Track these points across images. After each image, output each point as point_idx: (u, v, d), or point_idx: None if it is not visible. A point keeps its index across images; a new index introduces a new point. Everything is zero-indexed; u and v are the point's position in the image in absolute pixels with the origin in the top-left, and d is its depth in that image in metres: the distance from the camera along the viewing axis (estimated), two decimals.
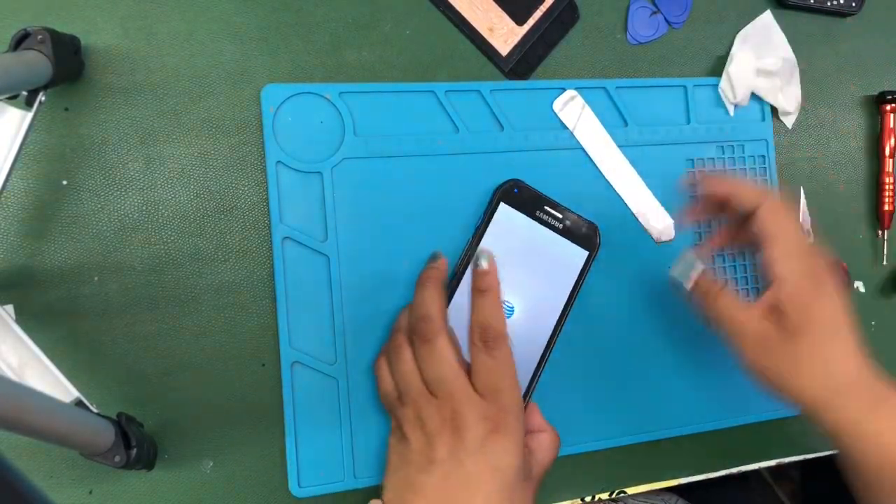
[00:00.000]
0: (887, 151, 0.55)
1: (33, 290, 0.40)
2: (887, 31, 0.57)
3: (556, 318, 0.44)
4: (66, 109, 0.41)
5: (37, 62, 0.35)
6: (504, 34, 0.48)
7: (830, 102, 0.55)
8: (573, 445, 0.46)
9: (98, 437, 0.34)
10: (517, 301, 0.43)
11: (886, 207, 0.55)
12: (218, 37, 0.43)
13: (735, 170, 0.51)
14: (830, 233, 0.54)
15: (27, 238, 0.40)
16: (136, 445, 0.36)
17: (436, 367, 0.37)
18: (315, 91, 0.44)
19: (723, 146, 0.51)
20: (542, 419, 0.41)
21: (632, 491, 0.48)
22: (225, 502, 0.41)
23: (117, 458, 0.35)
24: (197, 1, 0.43)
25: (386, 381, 0.41)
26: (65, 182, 0.40)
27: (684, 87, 0.51)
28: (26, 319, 0.39)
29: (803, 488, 0.86)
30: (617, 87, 0.49)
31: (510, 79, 0.48)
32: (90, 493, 0.40)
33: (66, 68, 0.38)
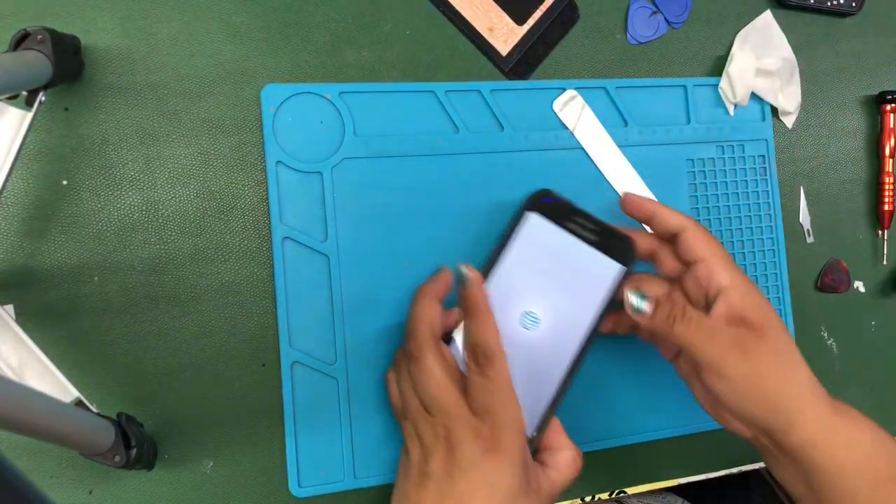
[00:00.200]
0: (887, 151, 0.55)
1: (33, 290, 0.40)
2: (887, 31, 0.57)
3: (585, 333, 0.41)
4: (66, 109, 0.41)
5: (37, 62, 0.35)
6: (504, 34, 0.47)
7: (830, 102, 0.55)
8: None
9: (98, 437, 0.34)
10: (543, 313, 0.41)
11: (886, 207, 0.55)
12: (218, 37, 0.43)
13: (735, 170, 0.51)
14: (830, 233, 0.54)
15: (27, 238, 0.40)
16: (136, 445, 0.36)
17: (424, 385, 0.37)
18: (315, 91, 0.44)
19: (723, 146, 0.51)
20: (564, 437, 0.40)
21: (632, 491, 0.48)
22: (225, 502, 0.41)
23: (117, 458, 0.35)
24: (197, 1, 0.43)
25: (394, 394, 0.41)
26: (65, 182, 0.41)
27: (684, 87, 0.50)
28: (26, 319, 0.39)
29: None
30: (617, 87, 0.49)
31: (510, 79, 0.48)
32: (90, 493, 0.40)
33: (66, 68, 0.38)
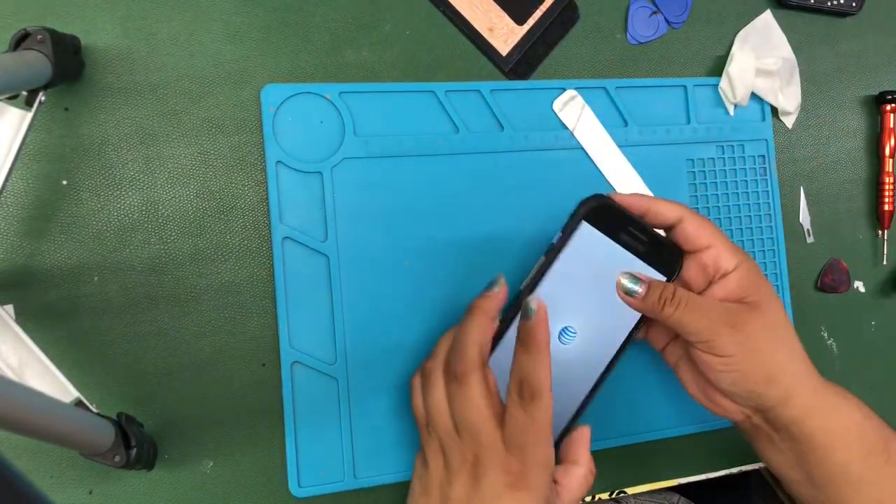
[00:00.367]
0: (887, 151, 0.55)
1: (33, 290, 0.40)
2: (887, 31, 0.57)
3: (618, 344, 0.41)
4: (66, 109, 0.41)
5: (37, 62, 0.35)
6: (504, 34, 0.47)
7: (830, 102, 0.55)
8: None
9: (98, 437, 0.34)
10: (580, 325, 0.40)
11: (886, 207, 0.55)
12: (218, 37, 0.43)
13: (735, 170, 0.51)
14: (830, 233, 0.54)
15: (27, 238, 0.40)
16: (136, 445, 0.36)
17: (463, 409, 0.36)
18: (315, 91, 0.44)
19: (723, 146, 0.51)
20: (583, 450, 0.39)
21: (632, 491, 0.48)
22: (225, 502, 0.41)
23: (117, 458, 0.35)
24: (197, 1, 0.43)
25: (417, 402, 0.40)
26: (65, 182, 0.40)
27: (684, 87, 0.50)
28: (26, 319, 0.39)
29: None
30: (617, 87, 0.49)
31: (510, 79, 0.48)
32: (90, 493, 0.40)
33: (66, 68, 0.38)
